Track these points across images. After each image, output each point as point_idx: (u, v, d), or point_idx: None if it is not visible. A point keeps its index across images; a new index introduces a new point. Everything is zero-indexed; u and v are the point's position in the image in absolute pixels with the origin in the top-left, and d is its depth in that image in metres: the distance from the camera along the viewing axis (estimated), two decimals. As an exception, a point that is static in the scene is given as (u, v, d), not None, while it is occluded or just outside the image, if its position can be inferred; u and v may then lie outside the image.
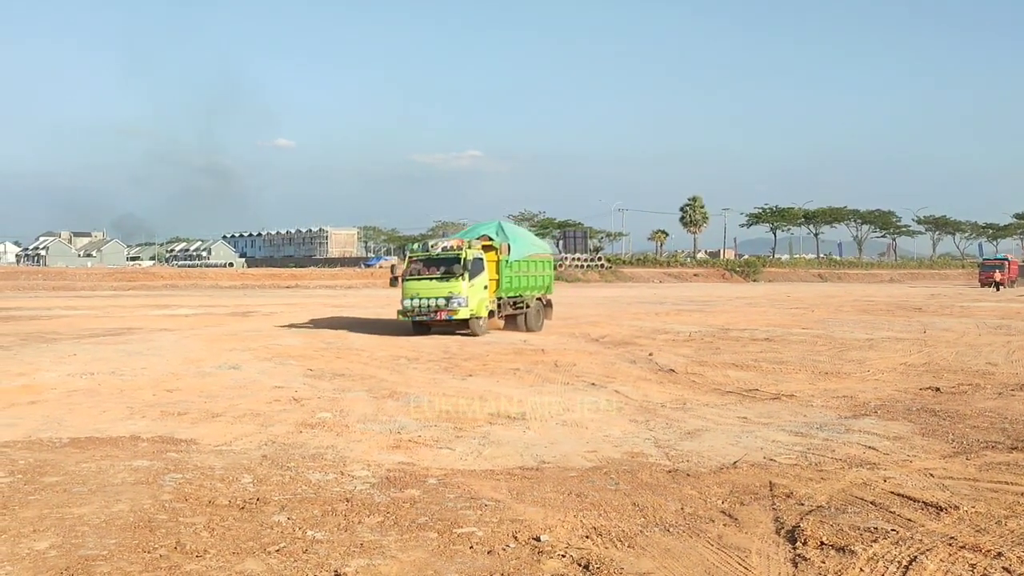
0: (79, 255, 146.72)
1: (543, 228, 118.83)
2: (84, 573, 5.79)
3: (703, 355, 19.49)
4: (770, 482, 8.47)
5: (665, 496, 7.99)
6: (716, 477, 8.73)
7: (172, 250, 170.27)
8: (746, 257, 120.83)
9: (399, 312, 24.16)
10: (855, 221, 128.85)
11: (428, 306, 23.51)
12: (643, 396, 13.86)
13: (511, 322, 26.44)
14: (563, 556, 6.32)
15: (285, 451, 9.67)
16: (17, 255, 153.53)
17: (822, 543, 6.56)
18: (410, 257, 25.15)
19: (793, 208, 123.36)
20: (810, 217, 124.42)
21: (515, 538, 6.72)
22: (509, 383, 15.10)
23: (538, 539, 6.67)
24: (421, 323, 24.27)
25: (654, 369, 17.15)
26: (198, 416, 11.75)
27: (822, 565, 6.14)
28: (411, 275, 24.38)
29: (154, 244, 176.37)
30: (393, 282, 25.72)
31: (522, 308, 26.34)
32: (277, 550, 6.33)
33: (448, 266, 23.85)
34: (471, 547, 6.51)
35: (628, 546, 6.56)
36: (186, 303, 40.63)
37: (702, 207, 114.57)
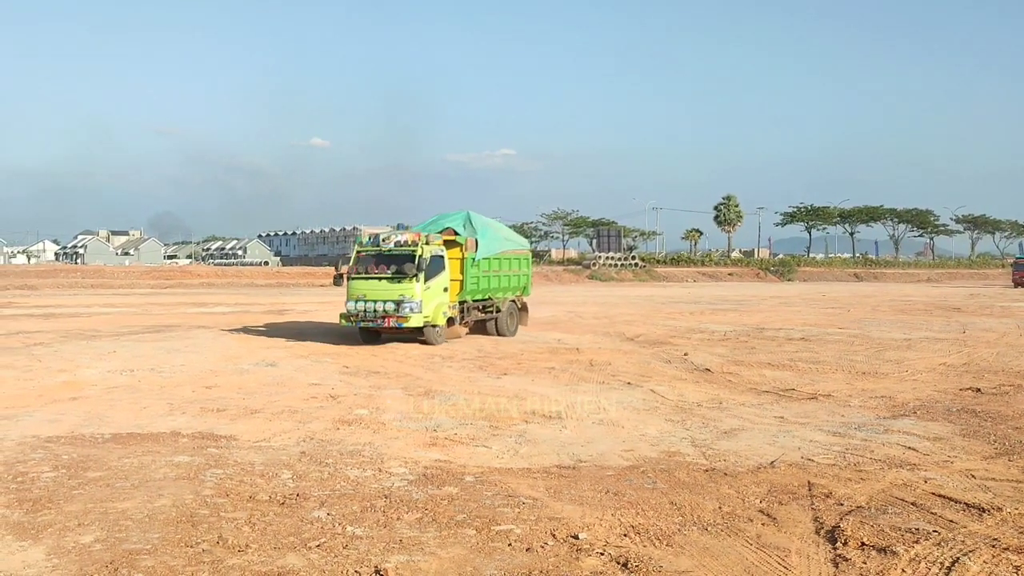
0: (117, 253, 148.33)
1: (576, 227, 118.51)
2: (129, 567, 5.88)
3: (738, 354, 19.40)
4: (808, 482, 8.43)
5: (703, 495, 7.97)
6: (754, 476, 8.69)
7: (208, 248, 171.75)
8: (781, 256, 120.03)
9: (341, 316, 20.85)
10: (892, 220, 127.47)
11: (374, 311, 20.16)
12: (679, 395, 13.83)
13: (479, 327, 23.59)
14: (601, 554, 6.33)
15: (323, 447, 9.76)
16: (56, 253, 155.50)
17: (863, 543, 6.52)
18: (358, 252, 21.53)
19: (829, 207, 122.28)
20: (846, 216, 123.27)
21: (553, 536, 6.74)
22: (544, 382, 15.11)
23: (576, 537, 6.68)
24: (369, 330, 20.94)
25: (689, 368, 17.10)
26: (237, 413, 11.87)
27: (863, 566, 6.10)
28: (358, 273, 20.91)
29: (190, 243, 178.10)
30: (337, 281, 21.99)
31: (491, 312, 23.37)
32: (318, 545, 6.39)
33: (401, 264, 20.44)
34: (509, 544, 6.53)
35: (666, 544, 6.56)
36: (223, 301, 40.99)
37: (736, 206, 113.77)
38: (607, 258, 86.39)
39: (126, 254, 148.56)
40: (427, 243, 20.69)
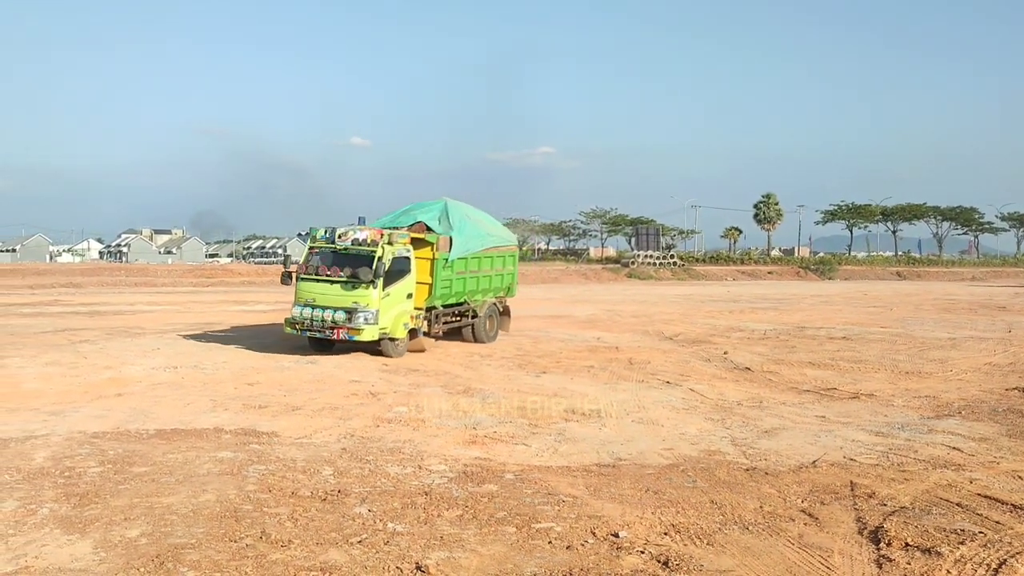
0: (159, 252, 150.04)
1: (615, 225, 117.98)
2: (174, 560, 5.96)
3: (779, 353, 19.26)
4: (851, 482, 8.36)
5: (743, 494, 7.93)
6: (795, 476, 8.64)
7: (249, 247, 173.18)
8: (821, 255, 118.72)
9: (286, 321, 18.08)
10: (935, 218, 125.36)
11: (323, 320, 17.39)
12: (718, 394, 13.76)
13: (453, 333, 20.91)
14: (642, 552, 6.32)
15: (364, 444, 9.83)
16: (100, 252, 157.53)
17: (907, 544, 6.46)
18: (310, 248, 18.72)
19: (870, 205, 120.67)
20: (888, 214, 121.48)
21: (593, 534, 6.74)
22: (583, 380, 15.09)
23: (616, 535, 6.68)
24: (318, 339, 18.05)
25: (729, 367, 17.00)
26: (279, 409, 11.98)
27: (907, 566, 6.04)
28: (308, 273, 18.10)
29: (231, 241, 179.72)
30: (285, 279, 19.15)
31: (467, 316, 20.74)
32: (359, 541, 6.44)
33: (357, 266, 17.52)
34: (550, 542, 6.54)
35: (707, 543, 6.53)
36: (264, 299, 41.34)
37: (776, 204, 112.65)
38: (645, 256, 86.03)
39: (169, 252, 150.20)
40: (390, 243, 17.82)
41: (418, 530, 6.75)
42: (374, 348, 17.89)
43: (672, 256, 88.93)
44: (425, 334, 19.18)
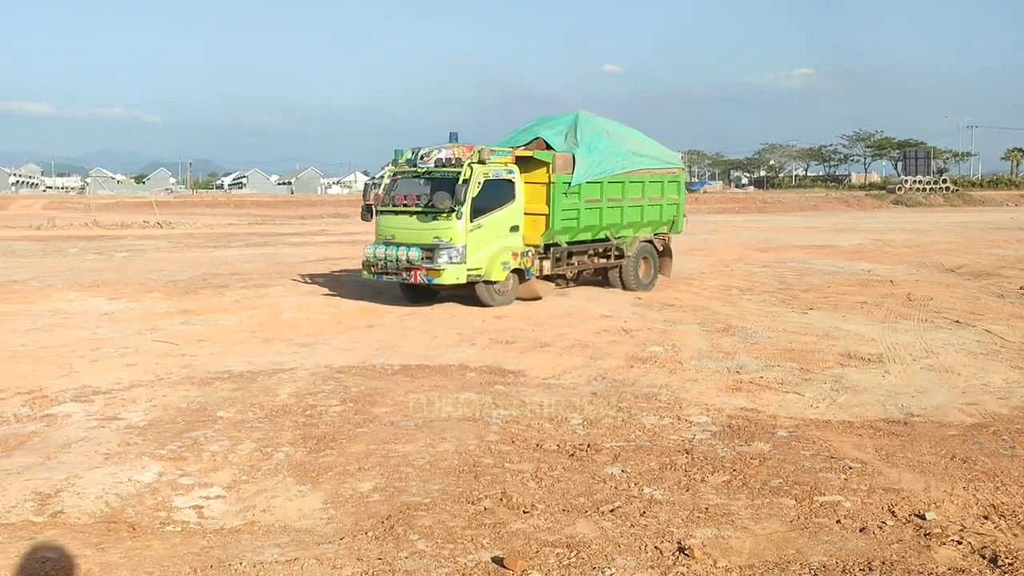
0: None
1: (880, 148, 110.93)
2: (405, 525, 5.33)
3: (1089, 290, 16.78)
4: None
5: (1080, 469, 6.47)
6: None
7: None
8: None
9: (363, 264, 15.20)
10: None
11: (397, 260, 14.28)
12: (1022, 338, 11.92)
13: (597, 278, 17.47)
14: (959, 543, 5.11)
15: (616, 388, 8.99)
16: (364, 184, 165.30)
17: None
18: (394, 173, 15.40)
19: None
20: None
21: (892, 513, 5.59)
22: (857, 319, 13.57)
23: (922, 517, 5.49)
24: (412, 286, 14.79)
25: (1030, 305, 14.91)
26: (526, 345, 11.36)
27: None
28: (387, 205, 15.04)
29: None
30: (365, 214, 15.71)
31: (611, 257, 16.78)
32: (611, 510, 5.59)
33: (438, 191, 14.31)
34: (838, 521, 5.45)
35: (1045, 535, 5.23)
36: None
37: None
38: (914, 181, 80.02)
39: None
40: (481, 161, 14.39)
41: (679, 498, 5.82)
42: (474, 296, 14.75)
43: (944, 181, 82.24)
44: (547, 278, 15.80)
